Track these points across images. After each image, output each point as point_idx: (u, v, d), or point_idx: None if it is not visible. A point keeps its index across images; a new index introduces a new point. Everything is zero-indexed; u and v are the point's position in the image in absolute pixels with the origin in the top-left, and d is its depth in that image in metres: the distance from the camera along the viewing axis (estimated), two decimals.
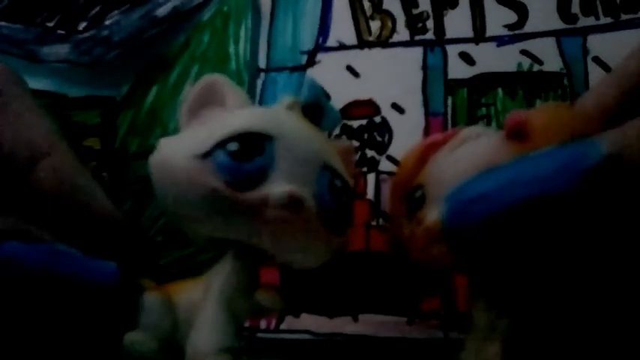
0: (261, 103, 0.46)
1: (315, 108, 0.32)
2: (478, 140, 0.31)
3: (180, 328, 0.30)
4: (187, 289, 0.31)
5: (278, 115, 0.31)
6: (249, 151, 0.28)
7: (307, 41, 0.46)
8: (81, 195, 0.35)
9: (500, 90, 0.42)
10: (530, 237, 0.26)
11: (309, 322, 0.40)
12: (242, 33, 0.48)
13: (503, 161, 0.28)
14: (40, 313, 0.30)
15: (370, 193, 0.43)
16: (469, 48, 0.43)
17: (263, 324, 0.41)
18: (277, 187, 0.28)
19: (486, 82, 0.42)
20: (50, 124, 0.36)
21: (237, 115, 0.30)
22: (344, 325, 0.40)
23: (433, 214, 0.30)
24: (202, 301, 0.30)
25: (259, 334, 0.41)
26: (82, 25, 0.48)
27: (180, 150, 0.29)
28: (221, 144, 0.28)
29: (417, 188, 0.32)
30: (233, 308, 0.29)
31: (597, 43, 0.40)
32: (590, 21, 0.41)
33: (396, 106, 0.43)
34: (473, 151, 0.31)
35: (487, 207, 0.25)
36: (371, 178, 0.43)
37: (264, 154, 0.28)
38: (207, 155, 0.28)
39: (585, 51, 0.40)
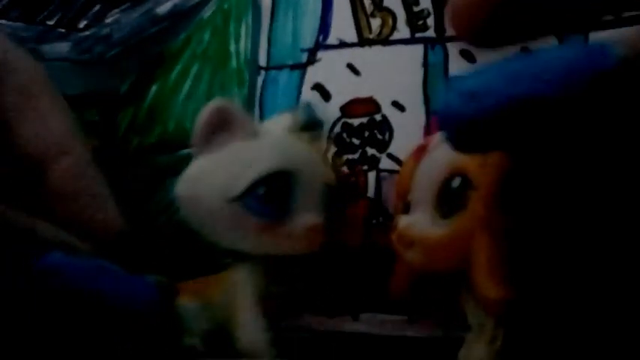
0: (261, 100, 0.46)
1: (314, 124, 0.37)
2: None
3: (217, 321, 0.35)
4: (220, 285, 0.36)
5: (290, 146, 0.35)
6: (277, 193, 0.33)
7: (308, 39, 0.46)
8: (88, 200, 0.36)
9: None
10: (530, 138, 0.24)
11: (310, 321, 0.40)
12: (243, 31, 0.48)
13: (467, 162, 0.29)
14: (80, 327, 0.31)
15: (371, 191, 0.43)
16: (470, 46, 0.43)
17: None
18: (302, 220, 0.34)
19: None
20: (70, 123, 0.36)
21: (257, 151, 0.34)
22: (344, 324, 0.40)
23: (403, 220, 0.31)
24: (237, 299, 0.35)
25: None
26: (83, 24, 0.48)
27: (211, 190, 0.34)
28: (250, 188, 0.33)
29: (409, 193, 0.33)
30: (261, 304, 0.35)
31: (599, 40, 0.40)
32: None
33: (396, 104, 0.43)
34: (442, 155, 0.31)
35: (486, 102, 0.23)
36: (372, 176, 0.43)
37: (289, 193, 0.33)
38: (238, 199, 0.33)
39: None
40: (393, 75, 0.44)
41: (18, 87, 0.35)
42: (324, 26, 0.46)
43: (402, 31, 0.44)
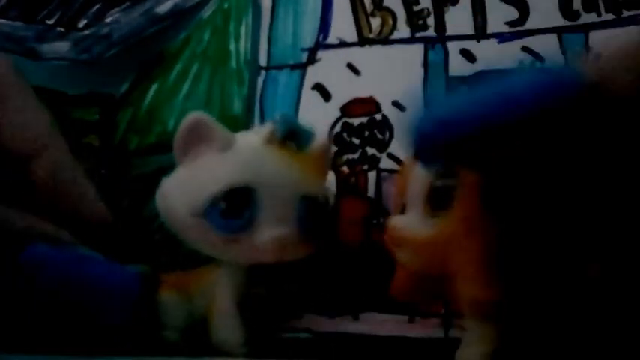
0: (261, 100, 0.46)
1: (293, 135, 0.37)
2: None
3: (196, 315, 0.36)
4: (202, 281, 0.37)
5: (257, 160, 0.36)
6: (236, 208, 0.34)
7: (308, 39, 0.46)
8: (73, 192, 0.36)
9: None
10: (497, 159, 0.25)
11: (310, 321, 0.40)
12: (242, 30, 0.47)
13: None
14: (64, 315, 0.31)
15: (371, 191, 0.43)
16: (470, 45, 0.43)
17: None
18: (265, 233, 0.34)
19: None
20: (48, 119, 0.36)
21: (221, 166, 0.35)
22: (344, 324, 0.40)
23: (395, 220, 0.31)
24: (216, 295, 0.36)
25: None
26: (82, 23, 0.48)
27: (180, 204, 0.35)
28: (212, 204, 0.34)
29: (404, 193, 0.33)
30: (243, 300, 0.36)
31: (599, 40, 0.40)
32: (591, 17, 0.40)
33: (396, 104, 0.43)
34: None
35: (456, 129, 0.24)
36: (372, 175, 0.43)
37: (250, 207, 0.34)
38: (202, 215, 0.34)
39: (587, 48, 0.40)
40: (393, 75, 0.44)
41: (4, 84, 0.35)
42: (324, 26, 0.46)
43: (402, 30, 0.44)
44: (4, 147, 0.34)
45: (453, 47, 0.43)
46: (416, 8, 0.44)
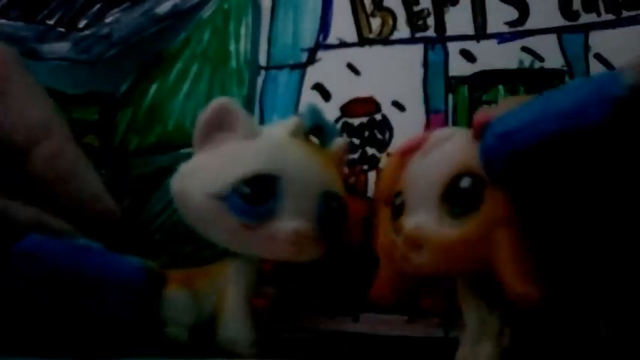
0: (261, 100, 0.46)
1: (320, 130, 0.37)
2: (449, 142, 0.31)
3: (204, 313, 0.35)
4: (210, 276, 0.36)
5: (283, 150, 0.35)
6: (260, 195, 0.33)
7: (308, 39, 0.46)
8: (75, 182, 0.35)
9: (501, 87, 0.41)
10: (561, 170, 0.26)
11: (310, 321, 0.40)
12: (242, 30, 0.47)
13: (475, 161, 0.28)
14: (64, 308, 0.31)
15: (371, 191, 0.43)
16: (470, 45, 0.43)
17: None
18: (285, 224, 0.33)
19: (487, 79, 0.42)
20: (50, 108, 0.36)
21: (246, 152, 0.34)
22: (344, 324, 0.40)
23: (410, 222, 0.30)
24: (225, 293, 0.35)
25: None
26: (83, 23, 0.48)
27: (199, 186, 0.34)
28: (235, 188, 0.33)
29: (397, 195, 0.32)
30: (249, 301, 0.35)
31: (599, 40, 0.40)
32: (591, 17, 0.40)
33: (396, 104, 0.43)
34: (444, 154, 0.30)
35: (520, 140, 0.26)
36: (372, 175, 0.43)
37: (273, 196, 0.33)
38: (221, 197, 0.33)
39: (587, 48, 0.40)
40: (393, 75, 0.44)
41: (5, 73, 0.34)
42: (324, 26, 0.46)
43: (402, 30, 0.44)
44: (4, 135, 0.34)
45: (453, 47, 0.43)
46: (416, 8, 0.44)
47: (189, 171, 0.35)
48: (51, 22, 0.48)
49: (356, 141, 0.43)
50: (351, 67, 0.45)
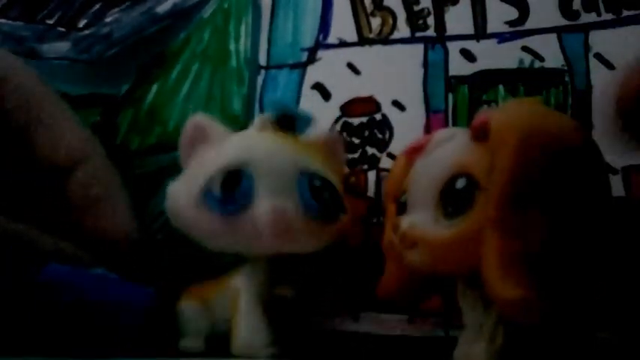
0: (261, 99, 0.46)
1: (286, 119, 0.37)
2: (450, 142, 0.31)
3: (219, 322, 0.37)
4: (222, 288, 0.37)
5: (249, 141, 0.37)
6: (231, 182, 0.34)
7: (308, 38, 0.46)
8: (106, 207, 0.36)
9: (501, 87, 0.41)
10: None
11: (310, 321, 0.40)
12: (242, 30, 0.47)
13: (470, 162, 0.29)
14: (80, 336, 0.31)
15: (371, 191, 0.43)
16: (470, 45, 0.43)
17: None
18: (262, 204, 0.34)
19: (487, 78, 0.42)
20: (83, 128, 0.36)
21: (215, 153, 0.36)
22: (344, 324, 0.40)
23: (406, 220, 0.30)
24: (237, 300, 0.36)
25: None
26: (83, 23, 0.48)
27: (183, 199, 0.36)
28: (206, 188, 0.34)
29: (403, 193, 0.32)
30: (262, 304, 0.36)
31: (599, 40, 0.40)
32: (591, 17, 0.40)
33: (396, 104, 0.43)
34: (444, 155, 0.31)
35: None
36: (372, 175, 0.43)
37: (245, 183, 0.34)
38: (200, 202, 0.35)
39: (587, 47, 0.40)
40: (393, 74, 0.44)
41: (24, 102, 0.35)
42: (324, 25, 0.46)
43: (402, 30, 0.44)
44: (43, 159, 0.34)
45: (453, 47, 0.43)
46: (416, 8, 0.44)
47: (175, 188, 0.37)
48: (51, 22, 0.48)
49: (356, 140, 0.43)
50: (351, 66, 0.45)
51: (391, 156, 0.42)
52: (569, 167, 0.28)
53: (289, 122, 0.37)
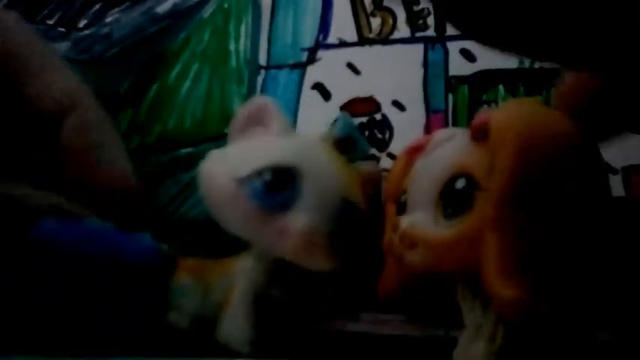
0: None
1: (347, 142, 0.37)
2: (450, 142, 0.31)
3: (210, 306, 0.35)
4: (222, 270, 0.36)
5: (310, 149, 0.35)
6: (280, 184, 0.33)
7: (308, 38, 0.46)
8: (103, 153, 0.35)
9: (501, 87, 0.41)
10: None
11: (310, 320, 0.40)
12: (242, 30, 0.47)
13: (470, 163, 0.29)
14: (77, 291, 0.31)
15: None
16: (470, 44, 0.43)
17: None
18: (297, 218, 0.33)
19: (488, 78, 0.42)
20: (77, 80, 0.36)
21: (275, 145, 0.35)
22: (344, 324, 0.40)
23: (405, 220, 0.30)
24: (233, 289, 0.35)
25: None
26: (83, 23, 0.48)
27: (224, 169, 0.34)
28: (257, 174, 0.33)
29: (403, 193, 0.32)
30: (258, 300, 0.35)
31: None
32: None
33: (396, 104, 0.43)
34: (444, 155, 0.31)
35: None
36: None
37: (291, 188, 0.33)
38: (244, 181, 0.33)
39: None
40: (393, 74, 0.44)
41: (10, 51, 0.34)
42: (324, 25, 0.46)
43: (402, 30, 0.44)
44: (33, 108, 0.34)
45: (453, 47, 0.43)
46: (416, 8, 0.44)
47: (219, 156, 0.36)
48: (51, 22, 0.48)
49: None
50: (351, 66, 0.45)
51: (391, 156, 0.42)
52: (569, 167, 0.28)
53: (351, 146, 0.37)
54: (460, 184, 0.29)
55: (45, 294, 0.31)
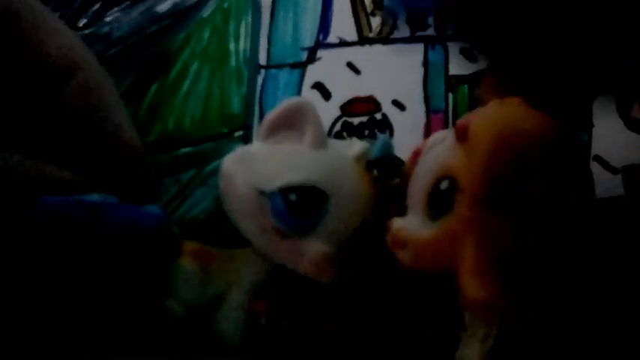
0: (261, 99, 0.46)
1: (381, 163, 0.35)
2: (441, 145, 0.31)
3: (207, 297, 0.35)
4: (225, 263, 0.36)
5: (340, 171, 0.34)
6: (304, 207, 0.32)
7: (308, 38, 0.46)
8: (107, 114, 0.35)
9: None
10: None
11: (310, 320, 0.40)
12: (242, 29, 0.47)
13: (454, 164, 0.29)
14: (82, 265, 0.31)
15: None
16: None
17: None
18: (318, 247, 0.32)
19: None
20: (81, 42, 0.35)
21: (305, 159, 0.33)
22: (344, 323, 0.40)
23: (398, 222, 0.31)
24: (232, 285, 0.35)
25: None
26: (82, 22, 0.48)
27: (247, 175, 0.33)
28: (283, 191, 0.32)
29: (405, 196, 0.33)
30: (249, 299, 0.35)
31: None
32: None
33: (396, 103, 0.43)
34: (433, 157, 0.31)
35: None
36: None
37: (317, 215, 0.32)
38: (268, 195, 0.32)
39: None
40: (393, 74, 0.44)
41: (13, 13, 0.33)
42: (324, 25, 0.46)
43: (402, 29, 0.45)
44: (40, 64, 0.33)
45: (453, 47, 0.43)
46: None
47: (245, 156, 0.34)
48: None
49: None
50: (351, 66, 0.45)
51: None
52: (544, 168, 0.28)
53: (385, 169, 0.36)
54: (444, 185, 0.30)
55: (52, 268, 0.30)
